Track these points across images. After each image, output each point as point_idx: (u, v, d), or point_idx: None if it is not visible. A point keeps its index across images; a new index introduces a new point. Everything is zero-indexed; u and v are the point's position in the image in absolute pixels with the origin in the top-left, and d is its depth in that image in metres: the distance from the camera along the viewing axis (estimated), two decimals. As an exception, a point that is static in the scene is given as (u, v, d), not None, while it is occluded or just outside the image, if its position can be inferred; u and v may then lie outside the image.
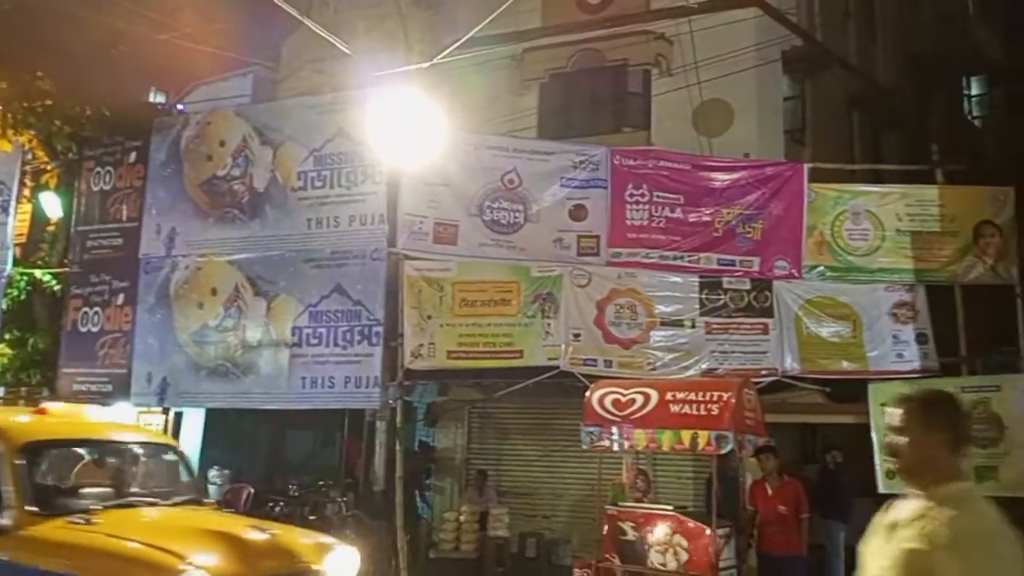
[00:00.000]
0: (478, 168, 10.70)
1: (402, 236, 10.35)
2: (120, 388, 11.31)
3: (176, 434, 11.79)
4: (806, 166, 11.26)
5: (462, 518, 10.58)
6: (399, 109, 8.75)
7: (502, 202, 10.69)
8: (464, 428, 12.30)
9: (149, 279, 11.39)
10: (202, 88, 15.03)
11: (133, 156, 11.95)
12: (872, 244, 10.88)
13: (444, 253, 10.54)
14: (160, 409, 11.60)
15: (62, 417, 6.96)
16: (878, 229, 10.89)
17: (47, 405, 7.44)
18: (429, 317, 10.34)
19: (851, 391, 10.73)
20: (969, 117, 18.52)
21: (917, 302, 10.70)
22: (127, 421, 10.13)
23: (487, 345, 10.49)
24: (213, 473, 12.10)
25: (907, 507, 2.53)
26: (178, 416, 11.97)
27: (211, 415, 12.71)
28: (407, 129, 8.77)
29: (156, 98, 15.69)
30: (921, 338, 10.60)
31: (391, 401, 9.99)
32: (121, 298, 11.56)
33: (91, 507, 5.80)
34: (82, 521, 5.57)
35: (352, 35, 12.72)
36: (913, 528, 2.47)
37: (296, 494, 11.29)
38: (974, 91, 18.79)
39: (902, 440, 2.62)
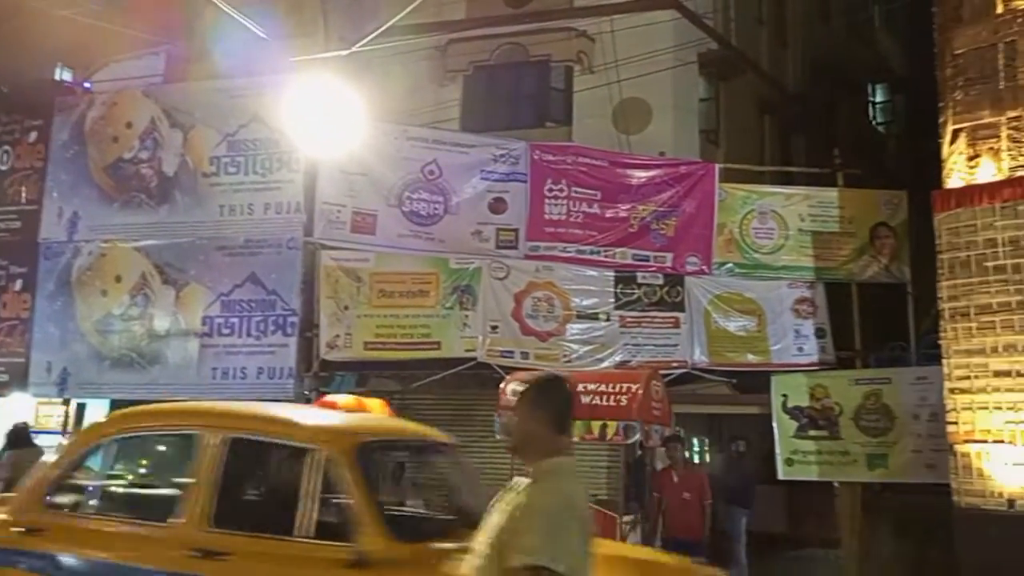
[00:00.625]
0: (398, 158, 10.66)
1: (319, 225, 10.23)
2: (17, 378, 10.82)
3: (78, 427, 11.32)
4: (717, 166, 11.70)
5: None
6: (317, 96, 8.64)
7: (422, 193, 10.70)
8: (381, 420, 12.23)
9: (49, 265, 10.91)
10: (112, 66, 14.40)
11: (33, 136, 11.39)
12: (777, 243, 11.39)
13: (362, 243, 10.47)
14: (60, 400, 11.15)
15: (364, 411, 5.31)
16: (783, 228, 11.40)
17: (332, 397, 5.96)
18: (346, 308, 10.26)
19: (755, 383, 11.22)
20: (873, 123, 19.52)
21: (817, 298, 11.27)
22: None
23: (405, 336, 10.49)
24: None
25: (520, 481, 2.68)
26: (80, 408, 11.49)
27: (116, 407, 12.25)
28: (325, 117, 8.66)
29: (62, 75, 14.96)
30: (820, 333, 11.18)
31: (306, 392, 9.87)
32: (19, 284, 11.03)
33: (445, 528, 4.40)
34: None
35: (270, 18, 12.43)
36: (507, 501, 2.64)
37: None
38: (878, 98, 19.81)
39: (513, 419, 2.78)
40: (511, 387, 8.51)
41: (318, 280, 10.17)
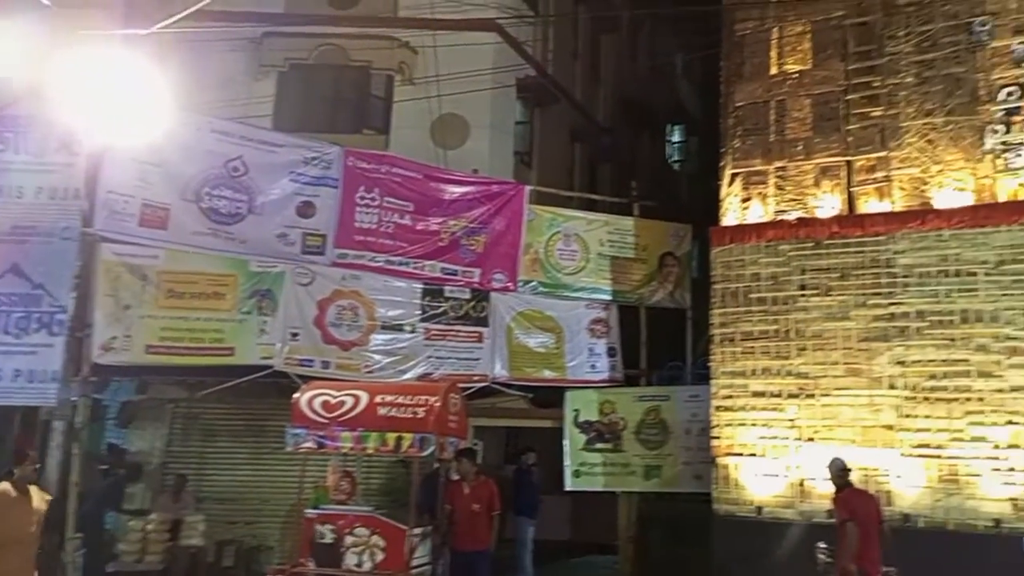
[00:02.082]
0: (199, 151, 10.04)
1: (101, 215, 9.36)
2: None
3: None
4: (528, 188, 12.16)
5: (150, 527, 9.76)
6: (108, 75, 7.91)
7: (223, 190, 10.13)
8: (164, 429, 11.36)
9: None
10: None
11: None
12: (578, 265, 12.03)
13: (151, 238, 9.72)
14: None
15: None
16: (584, 252, 12.07)
17: None
18: (127, 307, 9.45)
19: (551, 397, 11.74)
20: (670, 160, 21.23)
21: (611, 319, 12.03)
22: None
23: (194, 341, 9.84)
24: None
25: None
26: None
27: None
28: (117, 98, 7.94)
29: None
30: (611, 351, 11.93)
31: (73, 398, 8.95)
32: None
33: None
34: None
35: (61, -16, 11.27)
36: None
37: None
38: (675, 138, 21.61)
39: None
40: (305, 397, 8.27)
41: (95, 276, 9.29)
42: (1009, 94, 9.19)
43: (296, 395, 8.38)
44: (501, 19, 12.99)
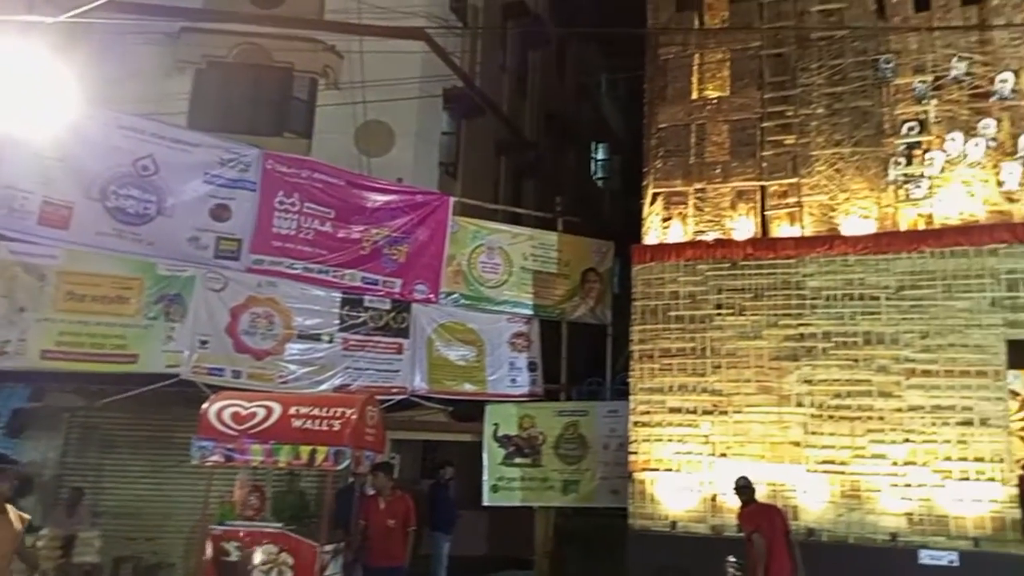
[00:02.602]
0: (105, 147, 9.56)
1: (-3, 212, 8.78)
2: None
3: None
4: (452, 199, 12.09)
5: (40, 543, 9.13)
6: (9, 64, 7.42)
7: (131, 189, 9.68)
8: (60, 439, 10.68)
9: None
10: None
11: None
12: (501, 278, 12.03)
13: (51, 238, 9.18)
14: None
15: None
16: (507, 265, 12.08)
17: None
18: (22, 310, 8.89)
19: (470, 411, 11.66)
20: (594, 177, 21.58)
21: (532, 334, 12.07)
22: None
23: (95, 346, 9.33)
24: None
25: None
26: None
27: None
28: (16, 88, 7.45)
29: None
30: (532, 366, 11.96)
31: (-43, 405, 8.32)
32: None
33: None
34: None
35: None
36: None
37: None
38: (600, 156, 22.00)
39: None
40: (214, 408, 7.93)
41: (-12, 275, 8.69)
42: (910, 129, 9.74)
43: (204, 405, 8.03)
44: (429, 29, 12.94)
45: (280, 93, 13.11)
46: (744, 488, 7.68)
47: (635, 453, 9.77)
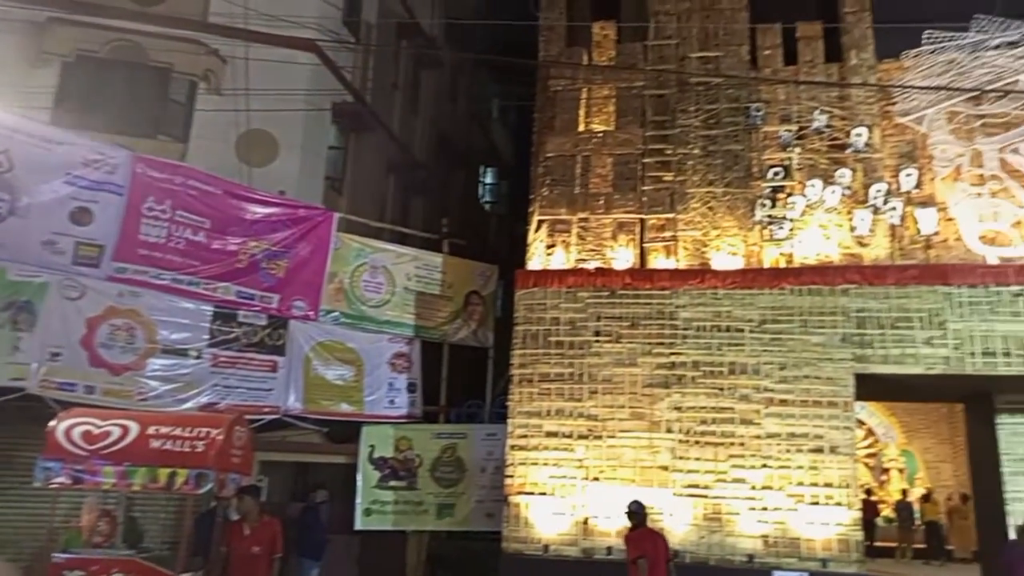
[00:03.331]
0: (-49, 139, 8.74)
1: None
2: None
3: None
4: (337, 215, 11.83)
5: None
6: None
7: (-20, 186, 8.87)
8: None
9: None
10: None
11: None
12: (384, 298, 11.86)
13: None
14: None
15: None
16: (391, 285, 11.93)
17: None
18: None
19: (346, 432, 11.36)
20: (482, 201, 21.75)
21: (413, 354, 11.95)
22: None
23: (-74, 356, 8.44)
24: None
25: None
26: None
27: None
28: None
29: None
30: (412, 387, 11.82)
31: None
32: None
33: None
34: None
35: None
36: None
37: None
38: (488, 180, 22.22)
39: None
40: (63, 426, 7.34)
41: None
42: (776, 173, 10.45)
43: (52, 423, 7.42)
44: (321, 41, 12.69)
45: (156, 94, 12.43)
46: (635, 513, 7.83)
47: (511, 476, 9.82)
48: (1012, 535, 9.10)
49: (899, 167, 10.37)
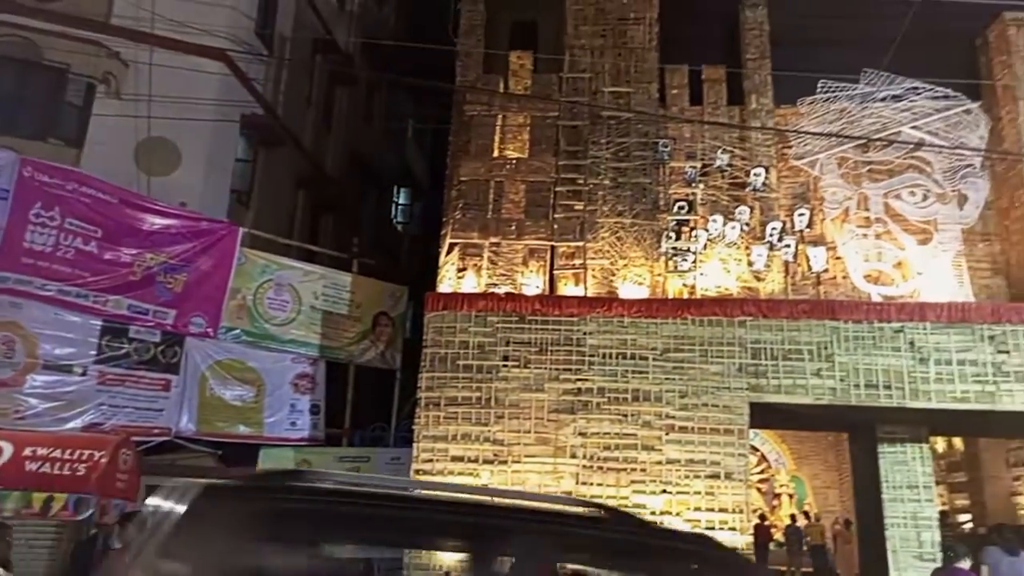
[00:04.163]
0: None
1: None
2: None
3: None
4: (242, 229, 11.47)
5: None
6: None
7: None
8: None
9: None
10: None
11: None
12: (289, 316, 11.53)
13: None
14: None
15: None
16: (296, 303, 11.62)
17: None
18: None
19: (243, 455, 10.91)
20: (394, 221, 21.57)
21: (317, 375, 11.65)
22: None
23: None
24: None
25: None
26: None
27: None
28: None
29: None
30: (314, 409, 11.51)
31: None
32: None
33: None
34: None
35: None
36: None
37: None
38: (401, 200, 22.07)
39: None
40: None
41: None
42: (680, 208, 10.86)
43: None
44: (232, 52, 12.36)
45: (50, 95, 11.77)
46: None
47: (414, 502, 9.64)
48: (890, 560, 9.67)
49: (793, 207, 10.98)
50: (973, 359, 9.57)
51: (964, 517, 13.76)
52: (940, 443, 15.76)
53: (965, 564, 6.80)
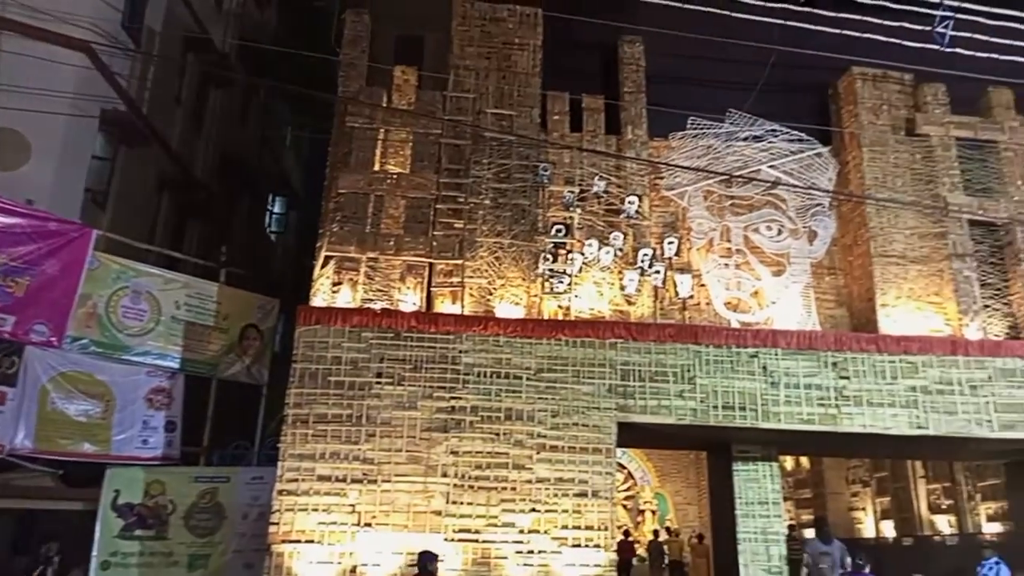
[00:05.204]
0: None
1: None
2: None
3: None
4: (97, 232, 10.69)
5: None
6: None
7: None
8: None
9: None
10: None
11: None
12: (146, 326, 10.84)
13: None
14: None
15: None
16: (155, 312, 10.95)
17: None
18: None
19: (87, 475, 10.11)
20: (268, 230, 20.81)
21: (175, 390, 10.99)
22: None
23: None
24: None
25: None
26: None
27: None
28: None
29: None
30: (170, 426, 10.84)
31: None
32: None
33: None
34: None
35: None
36: None
37: None
38: (277, 209, 21.34)
39: None
40: None
41: None
42: (558, 231, 11.13)
43: None
44: (96, 44, 11.56)
45: None
46: (427, 564, 7.64)
47: (276, 524, 9.25)
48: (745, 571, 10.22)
49: (664, 235, 11.51)
50: (818, 383, 10.34)
51: (809, 533, 14.75)
52: (789, 462, 16.89)
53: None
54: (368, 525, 9.30)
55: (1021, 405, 10.44)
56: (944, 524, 14.00)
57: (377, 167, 11.18)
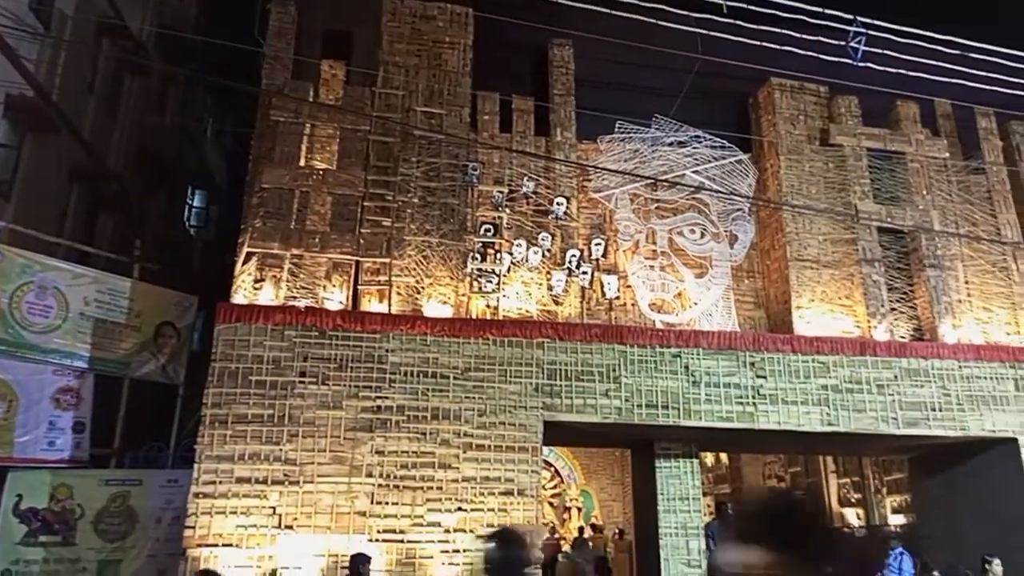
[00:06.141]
0: None
1: None
2: None
3: None
4: (2, 223, 10.10)
5: None
6: None
7: None
8: None
9: None
10: None
11: None
12: (52, 323, 10.31)
13: None
14: None
15: None
16: (62, 309, 10.42)
17: None
18: None
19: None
20: (187, 225, 20.05)
21: (84, 390, 10.49)
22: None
23: None
24: None
25: None
26: None
27: None
28: None
29: None
30: (78, 427, 10.34)
31: None
32: None
33: None
34: None
35: None
36: None
37: None
38: (196, 203, 20.59)
39: None
40: None
41: None
42: (487, 230, 11.13)
43: None
44: (1, 27, 10.92)
45: None
46: (360, 567, 7.51)
47: (192, 528, 8.94)
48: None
49: (591, 236, 11.67)
50: (737, 383, 10.67)
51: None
52: (709, 458, 17.38)
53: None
54: (289, 527, 9.10)
55: (924, 403, 11.04)
56: (853, 517, 14.69)
57: (303, 162, 10.95)
